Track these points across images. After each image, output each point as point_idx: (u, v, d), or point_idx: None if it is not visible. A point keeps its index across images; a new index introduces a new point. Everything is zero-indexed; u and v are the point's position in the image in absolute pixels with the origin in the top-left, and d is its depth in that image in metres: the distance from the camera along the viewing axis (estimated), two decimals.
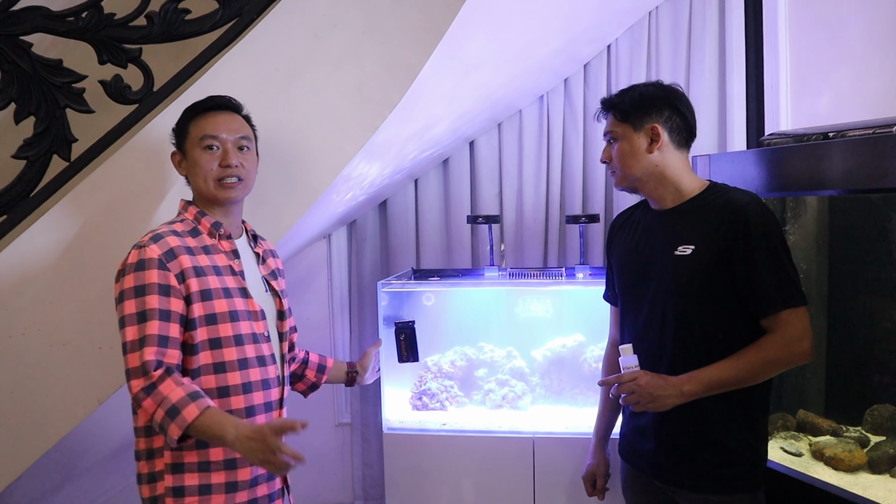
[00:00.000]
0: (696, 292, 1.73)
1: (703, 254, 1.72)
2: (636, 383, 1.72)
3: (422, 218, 3.23)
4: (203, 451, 1.61)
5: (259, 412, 1.67)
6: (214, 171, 1.70)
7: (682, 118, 1.81)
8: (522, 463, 2.46)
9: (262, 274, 1.81)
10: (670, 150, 1.80)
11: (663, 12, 2.99)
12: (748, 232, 1.67)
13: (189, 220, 1.72)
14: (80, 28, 1.94)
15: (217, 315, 1.62)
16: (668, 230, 1.81)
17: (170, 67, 2.04)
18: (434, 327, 2.76)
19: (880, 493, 1.92)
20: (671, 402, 1.70)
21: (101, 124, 1.99)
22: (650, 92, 1.83)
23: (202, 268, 1.63)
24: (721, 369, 1.69)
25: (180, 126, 1.74)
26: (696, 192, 1.81)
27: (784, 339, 1.67)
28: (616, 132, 1.84)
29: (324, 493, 3.42)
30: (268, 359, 1.71)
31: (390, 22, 1.99)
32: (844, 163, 1.92)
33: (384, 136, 2.14)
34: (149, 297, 1.55)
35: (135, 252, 1.59)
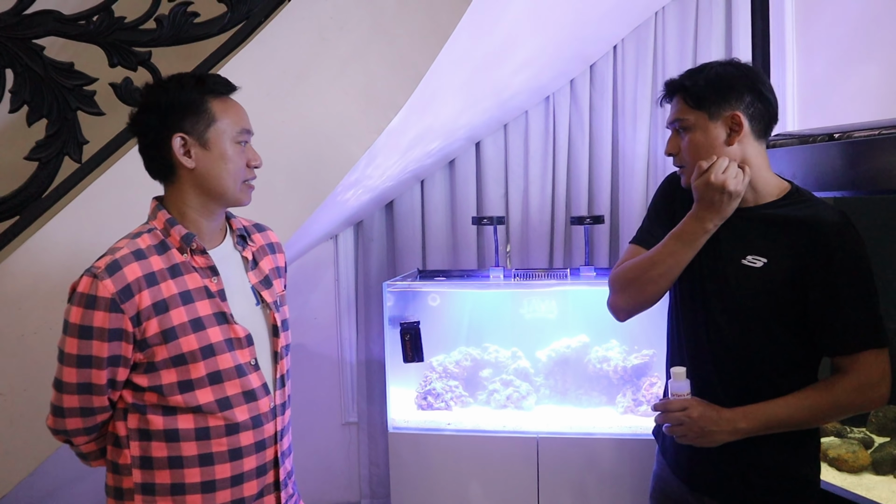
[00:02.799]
0: (761, 311, 1.51)
1: (775, 270, 1.50)
2: (687, 414, 1.50)
3: (428, 219, 3.24)
4: (179, 497, 1.43)
5: (248, 453, 1.47)
6: (244, 170, 1.48)
7: (765, 103, 1.53)
8: (527, 463, 2.47)
9: (251, 283, 1.55)
10: (751, 142, 1.53)
11: (670, 13, 2.99)
12: (832, 256, 1.45)
13: (157, 230, 1.45)
14: (91, 31, 1.97)
15: (185, 355, 1.39)
16: (739, 234, 1.56)
17: (179, 70, 2.04)
18: (439, 327, 2.78)
19: (884, 494, 1.93)
20: (722, 439, 1.50)
21: (111, 126, 2.01)
22: (729, 73, 1.54)
23: (165, 301, 1.38)
24: (782, 408, 1.48)
25: (196, 105, 1.43)
26: (775, 196, 1.55)
27: (860, 384, 1.45)
28: (687, 120, 1.55)
29: (330, 491, 3.44)
30: (258, 391, 1.48)
31: (396, 24, 2.01)
32: (850, 164, 1.92)
33: (394, 135, 2.16)
34: (96, 342, 1.35)
35: (87, 280, 1.35)
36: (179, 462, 1.41)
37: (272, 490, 1.54)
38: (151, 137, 1.44)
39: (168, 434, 1.41)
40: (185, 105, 1.42)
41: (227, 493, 1.44)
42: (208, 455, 1.42)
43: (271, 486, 1.53)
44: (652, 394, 2.53)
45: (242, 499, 1.47)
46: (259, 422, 1.48)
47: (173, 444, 1.41)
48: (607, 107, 3.08)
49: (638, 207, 3.05)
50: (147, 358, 1.39)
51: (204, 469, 1.42)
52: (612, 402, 2.64)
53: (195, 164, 1.43)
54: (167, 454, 1.42)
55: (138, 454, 1.43)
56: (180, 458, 1.41)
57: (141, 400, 1.42)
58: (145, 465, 1.42)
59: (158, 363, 1.39)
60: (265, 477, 1.51)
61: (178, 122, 1.42)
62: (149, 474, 1.42)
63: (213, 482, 1.43)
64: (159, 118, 1.42)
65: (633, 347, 2.66)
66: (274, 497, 1.54)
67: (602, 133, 3.09)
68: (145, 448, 1.42)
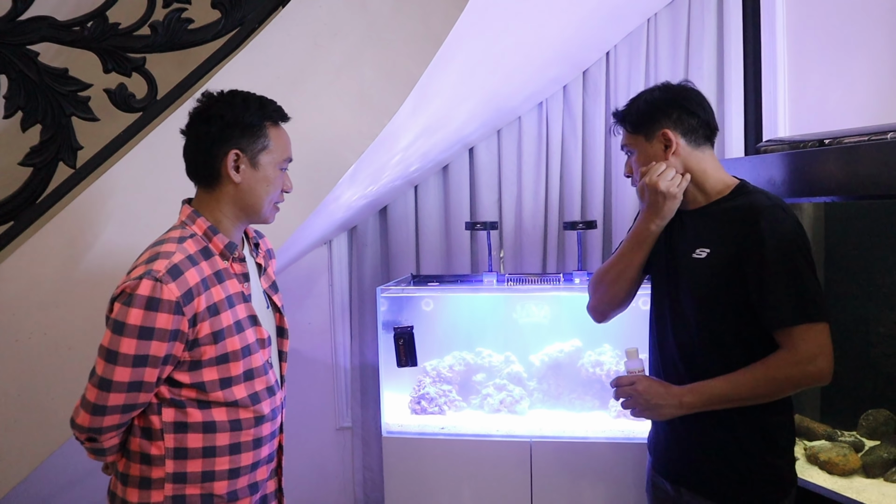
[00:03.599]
0: (709, 298, 1.64)
1: (716, 258, 1.63)
2: (634, 388, 1.67)
3: (422, 224, 3.25)
4: (207, 483, 1.52)
5: (265, 442, 1.60)
6: (279, 194, 1.60)
7: (693, 117, 1.70)
8: (520, 467, 2.48)
9: (263, 287, 1.69)
10: (688, 152, 1.70)
11: (662, 19, 3.01)
12: (762, 238, 1.56)
13: (199, 236, 1.53)
14: (86, 37, 1.98)
15: (229, 354, 1.50)
16: (691, 231, 1.73)
17: (173, 76, 2.07)
18: (433, 332, 2.79)
19: (874, 496, 1.94)
20: (669, 412, 1.63)
21: (106, 132, 2.02)
22: (655, 97, 1.73)
23: (216, 304, 1.48)
24: (723, 383, 1.58)
25: (256, 128, 1.54)
26: (722, 193, 1.70)
27: (794, 357, 1.53)
28: (630, 145, 1.76)
29: (324, 496, 3.44)
30: (275, 387, 1.63)
31: (390, 30, 2.02)
32: (840, 169, 1.94)
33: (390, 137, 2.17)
34: (156, 342, 1.41)
35: (149, 283, 1.39)
36: (213, 452, 1.52)
37: (275, 475, 1.73)
38: (207, 145, 1.53)
39: (206, 426, 1.51)
40: (247, 124, 1.53)
41: (246, 479, 1.57)
42: (237, 444, 1.54)
43: (274, 471, 1.72)
44: None
45: (256, 483, 1.60)
46: (275, 414, 1.63)
47: (209, 435, 1.51)
48: (600, 113, 3.10)
49: (630, 212, 3.07)
50: (193, 357, 1.48)
51: (232, 457, 1.54)
52: (605, 406, 2.65)
53: (241, 180, 1.54)
54: (202, 444, 1.51)
55: (173, 445, 1.50)
56: (214, 447, 1.52)
57: (178, 395, 1.50)
58: (179, 455, 1.50)
59: (204, 361, 1.49)
60: (272, 463, 1.68)
61: (237, 139, 1.52)
62: (182, 464, 1.51)
63: (238, 469, 1.55)
64: (220, 130, 1.52)
65: (625, 352, 2.66)
66: (275, 481, 1.73)
67: (595, 139, 3.10)
68: (181, 440, 1.50)
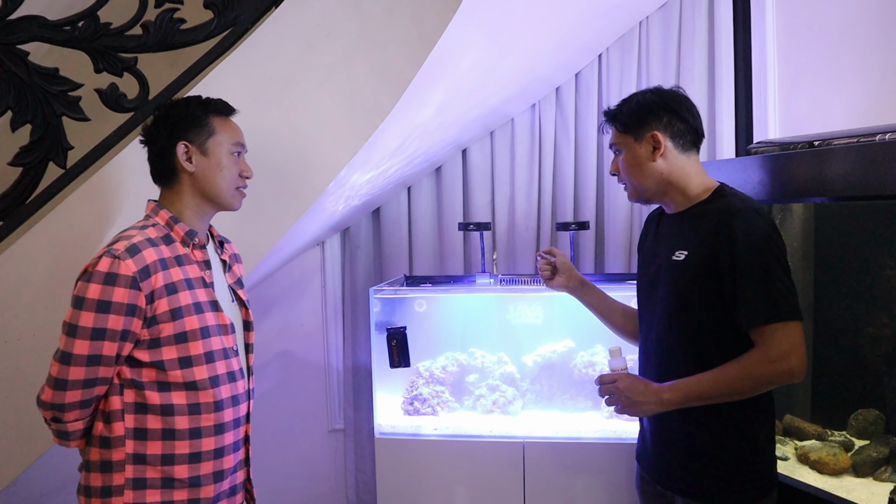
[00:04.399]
0: (686, 299, 1.69)
1: (693, 259, 1.68)
2: (615, 386, 1.73)
3: (415, 225, 3.25)
4: (168, 467, 1.57)
5: (228, 428, 1.65)
6: (237, 178, 1.70)
7: (682, 122, 1.75)
8: (513, 467, 2.48)
9: (228, 283, 1.77)
10: (675, 156, 1.75)
11: (654, 22, 3.03)
12: (734, 239, 1.60)
13: (161, 225, 1.64)
14: (77, 37, 1.97)
15: (188, 333, 1.57)
16: (671, 235, 1.79)
17: (165, 76, 2.07)
18: (426, 333, 2.79)
19: (863, 495, 1.95)
20: (650, 409, 1.69)
21: (96, 132, 2.01)
22: (647, 100, 1.78)
23: (174, 283, 1.57)
24: (700, 381, 1.64)
25: (199, 119, 1.66)
26: (702, 196, 1.75)
27: (766, 355, 1.57)
28: (619, 144, 1.80)
29: (317, 499, 3.43)
30: (237, 374, 1.68)
31: (383, 31, 2.02)
32: (829, 171, 1.95)
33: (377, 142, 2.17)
34: (113, 315, 1.49)
35: (107, 260, 1.50)
36: (171, 434, 1.57)
37: (243, 466, 1.75)
38: (160, 146, 1.67)
39: (164, 408, 1.57)
40: (190, 119, 1.66)
41: (210, 465, 1.62)
42: (197, 429, 1.59)
43: (242, 462, 1.75)
44: None
45: (222, 471, 1.65)
46: (237, 401, 1.68)
47: (168, 417, 1.57)
48: (592, 114, 3.10)
49: (623, 213, 3.08)
50: (152, 335, 1.55)
51: (192, 441, 1.59)
52: (598, 407, 2.65)
53: (195, 169, 1.66)
54: (161, 426, 1.57)
55: (133, 426, 1.57)
56: (173, 430, 1.57)
57: (139, 376, 1.57)
58: (139, 436, 1.56)
59: (163, 339, 1.55)
60: (238, 452, 1.71)
61: (183, 133, 1.65)
62: (141, 445, 1.56)
63: (199, 454, 1.60)
64: (168, 129, 1.66)
65: (609, 350, 2.67)
66: (244, 472, 1.76)
67: (587, 140, 3.11)
68: (140, 420, 1.57)
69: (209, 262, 1.70)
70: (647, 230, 1.97)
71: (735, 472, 1.67)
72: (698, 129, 1.78)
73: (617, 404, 1.73)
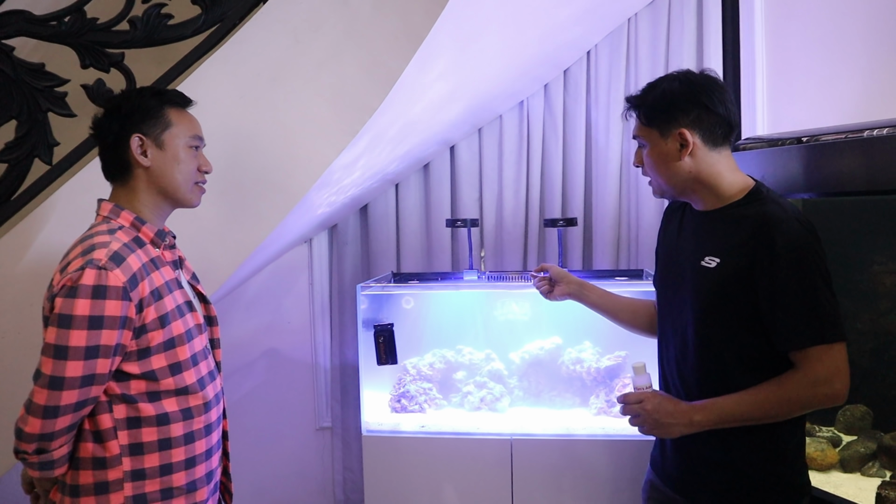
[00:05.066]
0: (715, 310, 1.56)
1: (726, 269, 1.54)
2: (641, 406, 1.58)
3: (402, 222, 3.25)
4: (166, 477, 1.52)
5: (214, 428, 1.63)
6: (195, 173, 1.62)
7: (714, 115, 1.58)
8: (501, 465, 2.48)
9: (186, 279, 1.70)
10: (704, 153, 1.59)
11: (642, 19, 3.03)
12: (775, 252, 1.47)
13: (127, 227, 1.54)
14: (63, 32, 1.96)
15: (175, 338, 1.52)
16: (700, 236, 1.64)
17: (153, 71, 2.05)
18: (413, 330, 2.78)
19: (851, 490, 1.96)
20: (678, 431, 1.55)
21: (83, 128, 1.99)
22: (675, 90, 1.60)
23: (158, 289, 1.50)
24: (736, 403, 1.52)
25: (154, 111, 1.57)
26: (736, 197, 1.60)
27: (809, 379, 1.46)
28: (643, 137, 1.65)
29: (304, 497, 3.42)
30: (214, 371, 1.67)
31: (370, 27, 2.02)
32: (817, 166, 1.96)
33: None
34: (106, 331, 1.40)
35: (92, 272, 1.39)
36: (168, 444, 1.53)
37: (223, 461, 1.75)
38: (112, 139, 1.57)
39: (159, 418, 1.51)
40: (144, 110, 1.57)
41: (203, 467, 1.60)
42: (191, 434, 1.56)
43: (222, 458, 1.75)
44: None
45: (212, 470, 1.64)
46: (217, 399, 1.67)
47: (163, 427, 1.52)
48: (581, 111, 3.11)
49: (611, 210, 3.09)
50: (140, 345, 1.47)
51: (187, 447, 1.55)
52: (586, 404, 2.66)
53: (151, 163, 1.57)
54: (157, 437, 1.52)
55: (128, 442, 1.49)
56: (169, 439, 1.53)
57: (128, 389, 1.49)
58: (135, 451, 1.50)
59: (153, 348, 1.49)
60: (220, 450, 1.71)
61: (136, 125, 1.56)
62: (139, 460, 1.50)
63: (194, 458, 1.57)
64: (120, 122, 1.56)
65: (605, 349, 2.68)
66: (222, 466, 1.75)
67: (576, 137, 3.12)
68: (135, 435, 1.50)
69: (178, 261, 1.66)
70: (668, 223, 1.82)
71: (764, 484, 1.57)
72: (731, 120, 1.61)
73: (643, 426, 1.59)
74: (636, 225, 3.09)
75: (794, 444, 1.60)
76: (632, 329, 2.01)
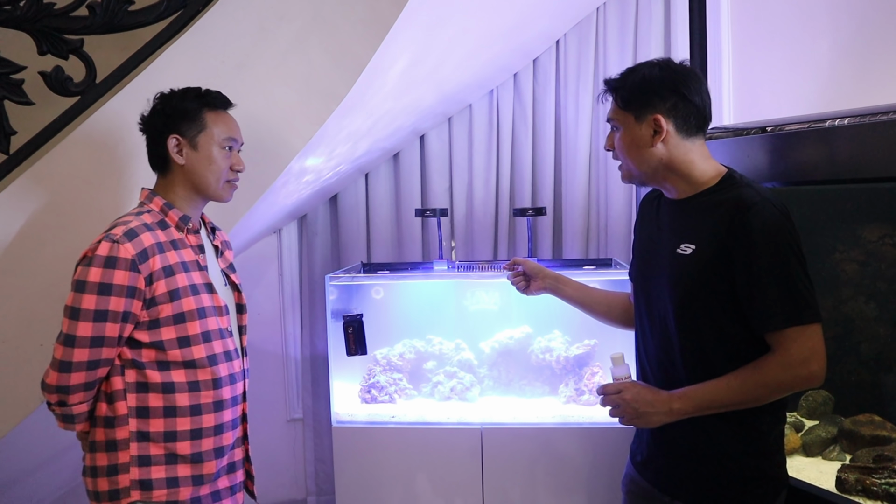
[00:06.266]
0: (694, 297, 1.56)
1: (702, 255, 1.54)
2: (620, 397, 1.58)
3: (372, 212, 3.23)
4: (170, 444, 1.63)
5: (227, 406, 1.70)
6: (227, 172, 1.73)
7: (690, 105, 1.58)
8: (471, 454, 2.49)
9: (221, 267, 1.82)
10: (678, 141, 1.59)
11: (610, 8, 3.04)
12: (751, 235, 1.48)
13: (156, 211, 1.69)
14: (19, 17, 1.90)
15: (185, 314, 1.63)
16: (675, 224, 1.65)
17: (116, 58, 2.01)
18: (383, 320, 2.77)
19: (812, 474, 2.00)
20: (658, 420, 1.55)
21: (41, 116, 1.95)
22: (654, 76, 1.60)
23: (171, 266, 1.62)
24: (715, 389, 1.51)
25: (193, 113, 1.70)
26: (709, 184, 1.60)
27: (786, 360, 1.47)
28: (617, 120, 1.64)
29: (276, 489, 3.41)
30: (233, 353, 1.74)
31: (337, 14, 2.00)
32: (781, 156, 1.99)
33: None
34: (114, 298, 1.55)
35: (106, 245, 1.55)
36: (173, 412, 1.63)
37: (241, 443, 1.81)
38: (153, 136, 1.71)
39: (165, 386, 1.63)
40: (183, 112, 1.69)
41: (211, 441, 1.68)
42: (197, 406, 1.65)
43: (240, 440, 1.81)
44: (594, 383, 2.57)
45: (222, 447, 1.71)
46: (234, 379, 1.74)
47: (169, 395, 1.63)
48: (550, 100, 3.11)
49: (580, 199, 3.10)
50: (151, 316, 1.61)
51: (193, 418, 1.65)
52: (555, 392, 2.67)
53: (185, 162, 1.70)
54: (163, 404, 1.63)
55: (135, 405, 1.62)
56: (174, 408, 1.63)
57: (139, 356, 1.62)
58: (142, 414, 1.62)
59: (162, 320, 1.61)
60: (237, 430, 1.77)
61: (176, 125, 1.69)
62: (144, 423, 1.62)
63: (200, 430, 1.66)
64: (161, 121, 1.70)
65: (575, 338, 2.69)
66: (242, 450, 1.82)
67: (545, 126, 3.12)
68: (142, 399, 1.62)
69: (202, 246, 1.75)
70: (645, 214, 1.82)
71: (744, 477, 1.57)
72: (706, 112, 1.62)
73: (622, 416, 1.59)
74: (605, 214, 3.10)
75: (775, 436, 1.60)
76: (607, 321, 2.01)
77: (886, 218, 2.10)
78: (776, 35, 2.64)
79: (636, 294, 1.77)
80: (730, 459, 1.57)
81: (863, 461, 1.96)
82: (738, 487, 1.57)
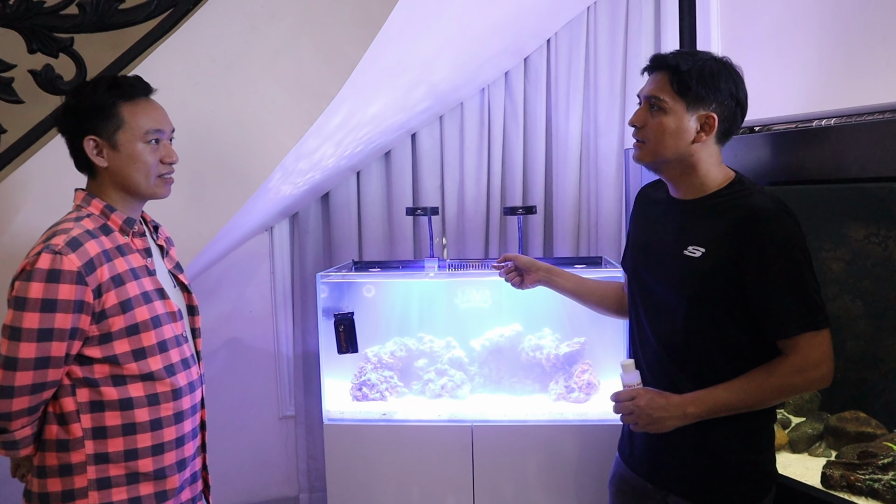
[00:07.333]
0: (702, 299, 1.56)
1: (712, 259, 1.54)
2: (634, 403, 1.59)
3: (364, 210, 3.24)
4: (131, 462, 1.53)
5: (187, 416, 1.62)
6: (156, 167, 1.58)
7: (740, 114, 1.58)
8: (462, 451, 2.50)
9: (168, 268, 1.70)
10: (711, 143, 1.57)
11: (601, 7, 3.05)
12: (765, 243, 1.48)
13: (96, 215, 1.55)
14: (8, 15, 1.90)
15: (139, 324, 1.52)
16: (682, 225, 1.62)
17: (106, 57, 2.01)
18: (374, 318, 2.78)
19: (798, 470, 2.01)
20: (672, 424, 1.56)
21: (31, 115, 1.95)
22: (720, 71, 1.54)
23: (120, 275, 1.50)
24: (729, 392, 1.53)
25: (107, 109, 1.53)
26: (718, 187, 1.59)
27: (800, 365, 1.49)
28: (665, 102, 1.55)
29: (268, 487, 3.41)
30: (190, 360, 1.66)
31: (328, 14, 2.00)
32: (769, 156, 2.00)
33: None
34: (60, 314, 1.41)
35: (47, 257, 1.41)
36: (133, 429, 1.53)
37: (201, 452, 1.73)
38: (69, 138, 1.57)
39: (122, 403, 1.52)
40: (96, 109, 1.53)
41: (173, 455, 1.59)
42: (158, 420, 1.55)
43: (200, 448, 1.73)
44: (584, 381, 2.59)
45: (184, 459, 1.62)
46: (193, 387, 1.65)
47: (127, 411, 1.52)
48: (541, 99, 3.12)
49: (571, 198, 3.11)
50: (101, 330, 1.48)
51: (154, 433, 1.55)
52: (545, 390, 2.69)
53: (108, 164, 1.55)
54: (121, 422, 1.52)
55: (90, 426, 1.50)
56: (133, 424, 1.53)
57: (91, 373, 1.50)
58: (98, 435, 1.51)
59: (114, 333, 1.49)
60: (196, 439, 1.69)
61: (90, 125, 1.53)
62: (102, 444, 1.51)
63: (162, 444, 1.57)
64: (75, 121, 1.54)
65: (565, 336, 2.70)
66: (200, 459, 1.74)
67: (536, 125, 3.13)
68: (98, 419, 1.51)
69: (149, 249, 1.63)
70: (641, 208, 1.81)
71: (737, 471, 1.60)
72: (741, 122, 1.61)
73: (637, 422, 1.60)
74: (596, 213, 3.12)
75: (768, 433, 1.63)
76: (601, 311, 2.02)
77: (872, 217, 2.11)
78: (764, 35, 2.66)
79: (631, 287, 1.77)
80: (726, 454, 1.59)
81: (848, 457, 1.98)
82: (733, 481, 1.60)
